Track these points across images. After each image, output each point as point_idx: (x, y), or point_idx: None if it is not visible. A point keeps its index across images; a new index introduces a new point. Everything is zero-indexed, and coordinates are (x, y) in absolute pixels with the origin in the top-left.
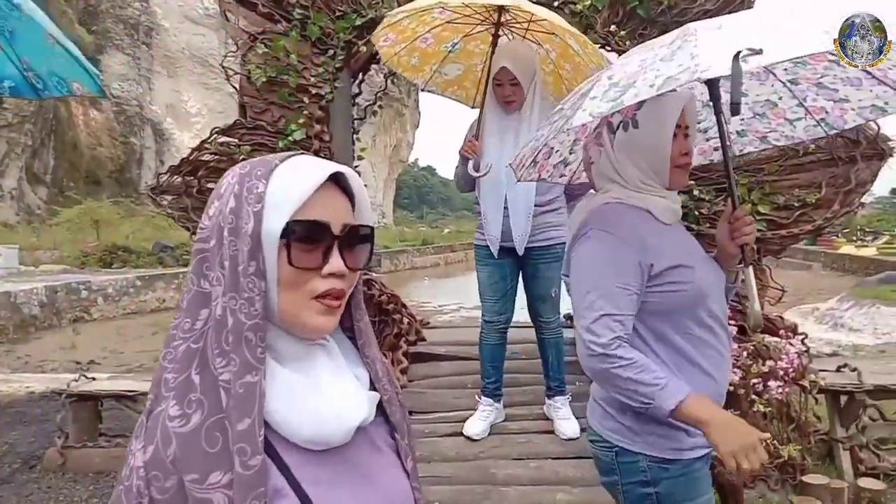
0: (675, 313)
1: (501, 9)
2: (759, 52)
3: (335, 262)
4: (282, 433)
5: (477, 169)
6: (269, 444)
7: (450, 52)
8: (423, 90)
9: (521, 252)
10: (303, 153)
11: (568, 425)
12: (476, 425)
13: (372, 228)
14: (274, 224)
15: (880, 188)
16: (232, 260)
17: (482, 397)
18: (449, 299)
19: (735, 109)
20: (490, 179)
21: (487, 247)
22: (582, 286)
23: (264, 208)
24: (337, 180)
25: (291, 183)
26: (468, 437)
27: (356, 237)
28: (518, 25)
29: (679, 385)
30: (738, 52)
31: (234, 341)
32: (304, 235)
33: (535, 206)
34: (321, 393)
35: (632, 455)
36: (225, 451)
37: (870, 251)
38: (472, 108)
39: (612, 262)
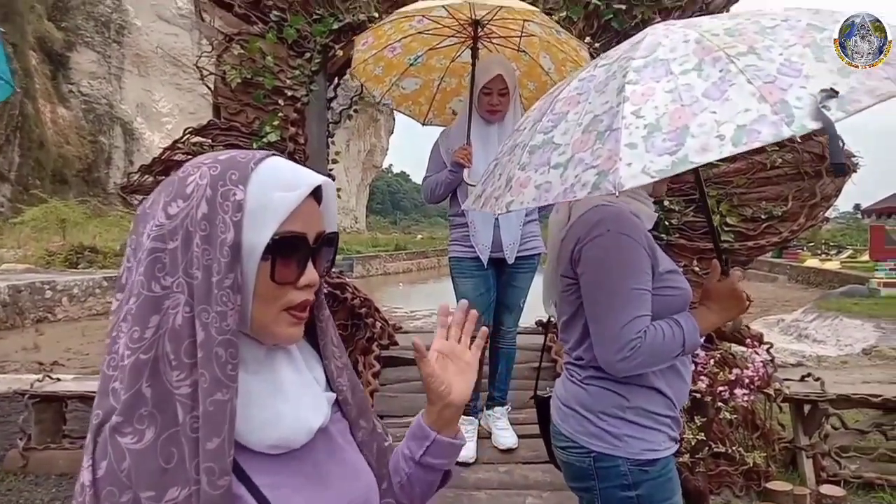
0: (663, 318)
1: (478, 23)
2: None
3: (311, 274)
4: (241, 440)
5: (468, 177)
6: None
7: (411, 64)
8: (378, 102)
9: (511, 260)
10: (276, 154)
11: (508, 436)
12: (465, 447)
13: (337, 234)
14: (256, 237)
15: (844, 204)
16: (206, 270)
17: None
18: (421, 305)
19: (841, 169)
20: None
21: (470, 258)
22: (607, 288)
23: (244, 218)
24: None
25: (273, 193)
26: (461, 462)
27: (324, 243)
28: (488, 41)
29: (686, 322)
30: (822, 101)
31: (204, 357)
32: (286, 249)
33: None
34: (283, 398)
35: (611, 459)
36: (181, 466)
37: (834, 265)
38: (423, 124)
39: (634, 264)
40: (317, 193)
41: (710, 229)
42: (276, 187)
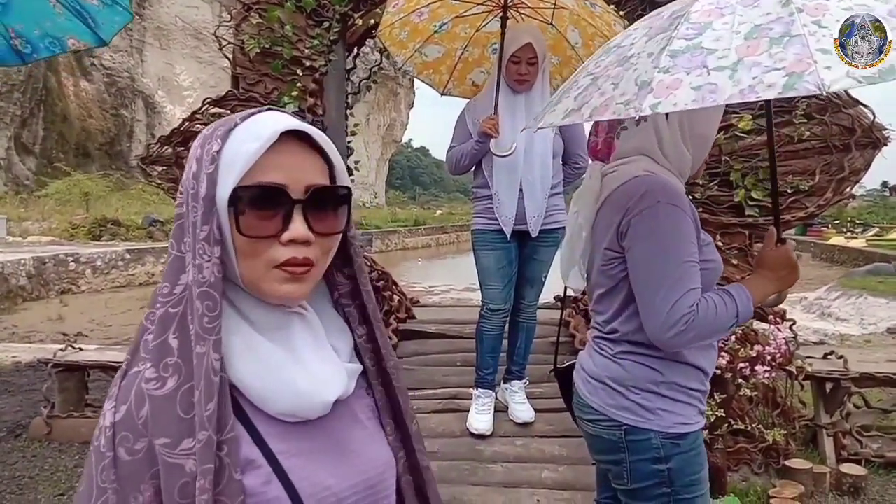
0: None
1: None
2: None
3: (296, 229)
4: (258, 404)
5: (495, 147)
6: (243, 414)
7: (436, 31)
8: (399, 69)
9: (535, 234)
10: (270, 108)
11: (524, 410)
12: (482, 420)
13: (347, 189)
14: (224, 189)
15: (871, 181)
16: (193, 226)
17: (479, 389)
18: (439, 280)
19: None
20: (507, 159)
21: (493, 231)
22: (659, 262)
23: (217, 170)
24: (305, 137)
25: (245, 144)
26: (477, 435)
27: (329, 199)
28: (516, 11)
29: (738, 293)
30: None
31: (192, 310)
32: (255, 201)
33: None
34: (298, 365)
35: (643, 433)
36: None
37: (859, 243)
38: (442, 94)
39: (684, 236)
40: (320, 147)
41: (773, 190)
42: (249, 138)
